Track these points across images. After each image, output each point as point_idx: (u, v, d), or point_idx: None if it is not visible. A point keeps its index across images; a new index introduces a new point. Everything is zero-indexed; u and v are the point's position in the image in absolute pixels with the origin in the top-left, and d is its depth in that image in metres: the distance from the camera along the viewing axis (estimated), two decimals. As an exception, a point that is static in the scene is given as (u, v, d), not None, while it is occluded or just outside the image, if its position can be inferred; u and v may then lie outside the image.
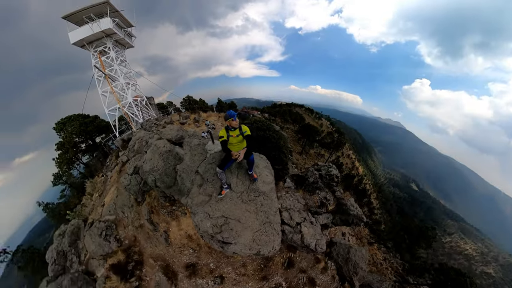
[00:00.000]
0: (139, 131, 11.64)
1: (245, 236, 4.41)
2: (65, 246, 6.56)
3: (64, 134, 12.94)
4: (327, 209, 8.44)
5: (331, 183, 9.37)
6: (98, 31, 11.79)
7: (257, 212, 4.64)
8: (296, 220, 6.74)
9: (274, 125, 15.66)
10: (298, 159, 27.64)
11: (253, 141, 4.58)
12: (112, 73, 12.92)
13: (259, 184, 4.93)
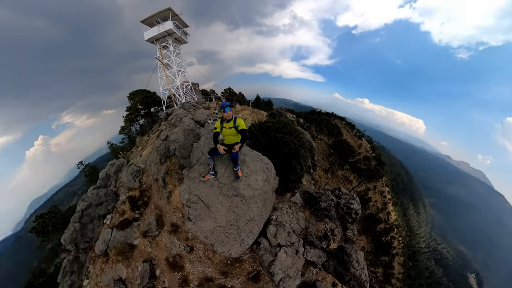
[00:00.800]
0: (179, 109, 14.77)
1: (206, 224, 4.51)
2: (111, 172, 10.02)
3: (133, 101, 18.17)
4: (327, 245, 7.09)
5: (347, 217, 7.99)
6: (162, 31, 15.83)
7: (228, 210, 4.51)
8: (279, 241, 5.77)
9: (302, 131, 14.31)
10: (321, 176, 23.79)
11: (254, 137, 4.44)
12: (169, 63, 16.95)
13: (241, 185, 4.62)
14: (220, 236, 4.50)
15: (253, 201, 4.77)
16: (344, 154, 26.01)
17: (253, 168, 5.01)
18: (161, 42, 16.87)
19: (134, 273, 5.79)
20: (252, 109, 20.95)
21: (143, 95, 18.34)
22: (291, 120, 16.46)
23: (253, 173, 4.93)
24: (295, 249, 5.92)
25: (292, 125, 9.33)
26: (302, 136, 9.26)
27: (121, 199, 8.68)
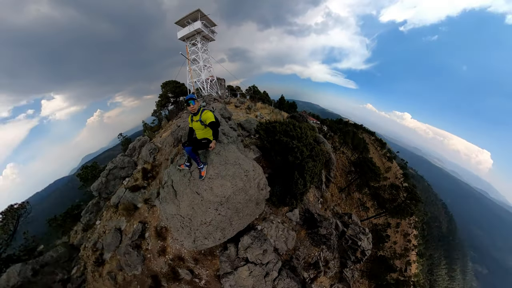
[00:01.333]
0: (199, 101, 16.68)
1: (170, 208, 4.67)
2: (137, 145, 12.07)
3: (164, 90, 21.13)
4: (315, 277, 6.02)
5: (350, 253, 6.74)
6: (192, 30, 17.95)
7: (189, 204, 4.47)
8: (248, 255, 5.07)
9: (323, 140, 13.53)
10: (333, 194, 18.98)
11: (215, 132, 3.98)
12: (196, 58, 18.91)
13: (204, 185, 4.39)
14: (176, 224, 4.60)
15: (213, 206, 4.42)
16: (366, 175, 19.80)
17: (221, 172, 4.46)
18: (191, 40, 19.07)
19: (130, 228, 7.12)
20: (272, 109, 20.18)
21: (173, 85, 21.11)
22: (311, 125, 15.73)
23: (220, 178, 4.42)
24: (265, 270, 5.10)
25: (306, 129, 8.03)
26: (315, 145, 8.04)
27: (138, 168, 10.60)
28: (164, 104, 20.73)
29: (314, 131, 14.50)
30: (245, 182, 4.74)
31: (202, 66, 19.65)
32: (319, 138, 14.46)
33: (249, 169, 4.91)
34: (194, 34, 18.35)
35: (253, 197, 5.03)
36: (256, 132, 9.44)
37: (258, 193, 5.21)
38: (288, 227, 6.64)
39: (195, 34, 18.35)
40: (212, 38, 19.91)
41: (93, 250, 7.14)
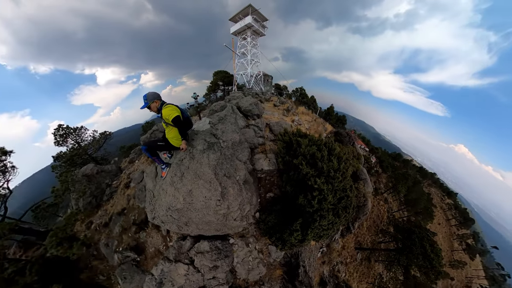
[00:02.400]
0: (237, 92, 17.89)
1: (148, 182, 5.20)
2: None
3: (215, 77, 24.69)
4: None
5: None
6: (243, 25, 19.44)
7: (157, 189, 4.78)
8: (196, 260, 5.10)
9: (365, 176, 11.12)
10: (345, 248, 11.67)
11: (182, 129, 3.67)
12: (245, 52, 20.77)
13: (162, 184, 4.57)
14: (147, 197, 5.14)
15: (166, 205, 4.48)
16: (411, 255, 10.00)
17: (176, 184, 4.32)
18: (242, 35, 20.70)
19: None
20: (315, 117, 17.79)
21: (223, 74, 24.28)
22: (358, 152, 12.94)
23: (173, 189, 4.30)
24: (203, 283, 5.13)
25: (347, 160, 6.07)
26: (350, 187, 5.85)
27: None
28: (214, 89, 24.42)
29: (358, 161, 11.85)
30: (203, 210, 4.43)
31: (249, 60, 21.28)
32: (362, 172, 11.48)
33: (211, 196, 4.38)
34: (245, 29, 19.77)
35: (215, 223, 4.76)
36: (276, 139, 7.83)
37: (229, 223, 4.89)
38: (261, 260, 5.99)
39: (245, 29, 19.75)
40: (262, 33, 20.84)
41: (127, 177, 9.88)
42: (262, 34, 21.32)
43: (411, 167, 34.31)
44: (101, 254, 7.41)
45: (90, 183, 8.98)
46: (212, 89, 24.02)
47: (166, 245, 6.70)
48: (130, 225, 7.54)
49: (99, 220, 8.17)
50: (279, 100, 17.96)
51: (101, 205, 8.85)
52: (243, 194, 5.10)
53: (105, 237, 7.64)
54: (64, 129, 10.77)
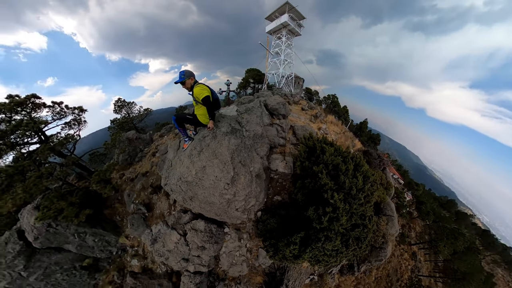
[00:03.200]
0: (266, 90, 18.51)
1: (170, 153, 5.80)
2: None
3: (247, 75, 26.02)
4: None
5: None
6: (278, 24, 19.50)
7: (176, 160, 5.21)
8: (188, 234, 5.37)
9: (388, 208, 9.09)
10: (340, 286, 9.07)
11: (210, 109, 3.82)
12: (279, 51, 21.10)
13: (180, 155, 4.95)
14: (166, 164, 5.83)
15: (177, 175, 4.72)
16: None
17: (193, 157, 4.43)
18: (277, 34, 20.85)
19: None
20: (344, 130, 16.60)
21: (255, 72, 25.43)
22: (388, 180, 11.02)
23: (190, 161, 4.44)
24: (187, 257, 5.49)
25: (374, 182, 5.38)
26: (369, 217, 5.16)
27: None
28: (244, 86, 25.85)
29: (386, 192, 9.77)
30: (210, 189, 4.47)
31: (282, 60, 21.55)
32: (388, 206, 9.29)
33: (222, 178, 4.39)
34: (281, 28, 19.85)
35: (217, 206, 4.79)
36: (297, 143, 7.70)
37: (230, 210, 4.90)
38: (247, 259, 5.91)
39: (281, 28, 19.81)
40: (298, 32, 20.63)
41: (155, 147, 11.65)
42: (298, 34, 21.15)
43: (469, 226, 23.83)
44: (123, 200, 9.09)
45: (129, 145, 11.11)
46: (242, 86, 25.52)
47: (169, 212, 7.65)
48: (148, 186, 8.94)
49: (128, 175, 10.02)
50: (308, 104, 17.36)
51: (132, 164, 10.82)
52: (252, 186, 4.98)
53: (129, 189, 9.31)
54: (121, 102, 13.92)
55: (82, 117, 9.12)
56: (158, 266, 7.66)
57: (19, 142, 7.02)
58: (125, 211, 8.92)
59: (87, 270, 8.89)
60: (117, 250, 8.99)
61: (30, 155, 6.99)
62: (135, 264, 8.46)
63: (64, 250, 8.56)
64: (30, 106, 7.47)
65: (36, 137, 7.64)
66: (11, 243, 7.97)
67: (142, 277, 7.33)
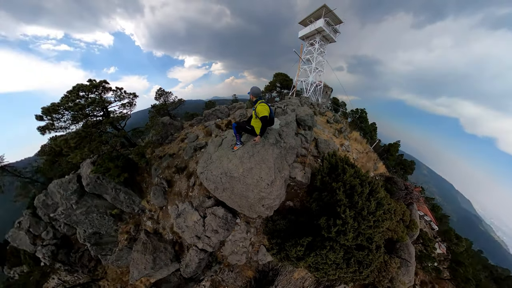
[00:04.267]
0: (295, 99, 18.33)
1: (211, 147, 6.57)
2: (236, 107, 18.37)
3: (275, 79, 26.64)
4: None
5: None
6: (313, 29, 18.37)
7: (217, 156, 5.98)
8: (208, 217, 6.36)
9: (405, 251, 8.10)
10: None
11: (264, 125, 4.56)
12: (310, 59, 20.82)
13: (228, 154, 5.70)
14: (204, 157, 6.53)
15: (220, 170, 5.55)
16: None
17: (243, 159, 5.27)
18: (310, 40, 20.03)
19: (202, 140, 11.54)
20: (368, 149, 15.17)
21: (283, 77, 25.82)
22: (413, 218, 9.61)
23: (239, 161, 5.29)
24: (199, 236, 6.56)
25: (380, 199, 5.40)
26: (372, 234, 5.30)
27: (228, 118, 15.25)
28: (271, 89, 26.58)
29: (407, 231, 8.57)
30: (251, 186, 5.19)
31: (313, 68, 21.19)
32: (405, 249, 8.27)
33: (265, 179, 5.19)
34: (314, 33, 18.71)
35: (249, 200, 5.42)
36: (322, 159, 7.70)
37: (258, 205, 5.51)
38: (247, 252, 6.51)
39: (315, 33, 18.67)
40: (332, 39, 19.53)
41: (184, 134, 13.44)
42: (332, 41, 19.97)
43: None
44: (150, 172, 11.23)
45: (163, 128, 13.36)
46: (269, 89, 26.35)
47: (187, 192, 9.05)
48: (173, 166, 10.78)
49: (158, 153, 12.19)
50: (334, 117, 16.60)
51: (162, 144, 13.03)
52: (282, 189, 5.85)
53: (156, 165, 11.39)
54: (161, 91, 16.63)
55: (134, 101, 11.53)
56: (167, 233, 9.42)
57: (90, 114, 9.59)
58: (150, 181, 11.05)
59: (114, 217, 11.42)
60: (138, 209, 11.25)
61: (96, 124, 9.47)
62: (149, 225, 10.49)
63: (103, 198, 11.22)
64: (101, 89, 10.01)
65: (101, 112, 10.21)
66: (71, 183, 10.94)
67: (153, 237, 9.18)
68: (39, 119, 8.53)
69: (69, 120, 8.90)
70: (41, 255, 11.46)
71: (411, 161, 21.81)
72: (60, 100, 8.90)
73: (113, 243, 11.55)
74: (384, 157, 19.57)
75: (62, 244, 11.94)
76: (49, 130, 8.63)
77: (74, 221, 11.39)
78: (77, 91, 9.36)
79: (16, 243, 11.86)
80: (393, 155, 20.63)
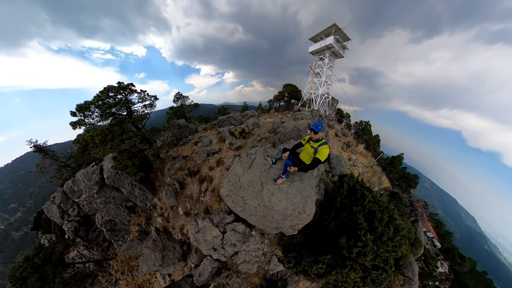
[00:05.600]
0: (307, 111, 16.47)
1: (238, 169, 5.62)
2: (249, 114, 18.27)
3: (284, 89, 26.29)
4: None
5: None
6: (323, 45, 18.36)
7: (248, 182, 5.24)
8: (227, 233, 5.94)
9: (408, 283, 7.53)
10: None
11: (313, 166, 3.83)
12: (320, 73, 20.56)
13: (269, 185, 4.90)
14: (230, 179, 5.64)
15: (258, 202, 5.00)
16: None
17: (289, 194, 4.78)
18: (320, 55, 19.95)
19: (215, 146, 11.09)
20: (372, 163, 14.57)
21: (292, 88, 25.45)
22: (417, 236, 9.21)
23: (283, 195, 4.77)
24: (216, 248, 6.40)
25: (397, 226, 5.47)
26: (389, 258, 5.42)
27: (241, 126, 14.69)
28: (279, 99, 26.35)
29: (413, 249, 8.56)
30: (290, 216, 4.97)
31: (323, 81, 20.98)
32: (409, 266, 7.97)
33: (307, 211, 4.99)
34: (324, 49, 18.79)
35: (280, 224, 5.20)
36: (340, 179, 7.13)
37: (287, 227, 5.31)
38: (259, 261, 6.30)
39: (325, 49, 18.75)
40: (341, 54, 19.53)
41: (198, 138, 13.29)
42: (341, 56, 19.88)
43: None
44: (164, 171, 11.14)
45: (178, 130, 13.35)
46: (277, 98, 26.18)
47: (198, 197, 8.80)
48: (186, 168, 10.60)
49: (172, 153, 12.12)
50: (342, 131, 15.83)
51: (177, 145, 12.96)
52: (312, 212, 5.39)
53: (170, 164, 11.30)
54: (179, 95, 16.93)
55: (155, 103, 11.60)
56: (176, 232, 9.20)
57: (116, 112, 9.69)
58: (163, 180, 10.96)
59: (128, 209, 11.42)
60: (150, 205, 11.17)
61: (119, 123, 9.54)
62: (159, 221, 10.34)
63: (120, 191, 11.27)
64: (127, 91, 10.14)
65: (125, 111, 10.31)
66: (95, 174, 11.08)
67: (163, 235, 8.98)
68: (73, 115, 8.69)
69: (98, 117, 9.03)
70: (66, 228, 12.00)
71: (414, 174, 20.45)
72: (92, 99, 9.07)
73: (126, 231, 11.61)
74: (388, 170, 18.67)
75: (84, 222, 12.34)
76: (80, 125, 8.77)
77: (94, 208, 11.64)
78: (107, 91, 9.52)
79: (49, 214, 12.41)
80: (397, 168, 19.47)
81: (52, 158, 15.02)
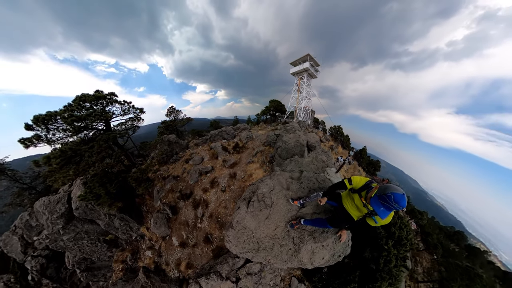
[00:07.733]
0: (295, 123, 14.26)
1: (250, 222, 3.30)
2: (241, 128, 16.38)
3: (270, 104, 25.66)
4: None
5: None
6: (301, 68, 20.55)
7: (262, 220, 3.25)
8: (241, 279, 4.52)
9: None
10: None
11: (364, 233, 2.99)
12: (301, 89, 20.91)
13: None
14: (239, 231, 3.52)
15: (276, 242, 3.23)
16: None
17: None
18: (299, 75, 21.65)
19: (207, 164, 8.92)
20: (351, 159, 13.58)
21: (276, 103, 24.98)
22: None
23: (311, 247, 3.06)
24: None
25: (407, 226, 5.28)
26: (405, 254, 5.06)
27: (234, 140, 12.47)
28: (266, 112, 25.66)
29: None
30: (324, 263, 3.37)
31: (304, 97, 21.40)
32: None
33: (342, 253, 3.54)
34: (303, 71, 20.93)
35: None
36: None
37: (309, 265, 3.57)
38: (277, 286, 5.08)
39: (303, 71, 20.90)
40: (315, 75, 21.67)
41: (189, 155, 10.53)
42: (315, 77, 21.97)
43: (485, 265, 15.18)
44: (153, 194, 8.24)
45: (168, 146, 10.64)
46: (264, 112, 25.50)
47: (195, 223, 6.55)
48: (177, 190, 7.97)
49: (161, 172, 9.31)
50: (325, 136, 15.67)
51: (167, 163, 10.14)
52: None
53: (160, 186, 8.51)
54: (172, 109, 14.25)
55: (141, 117, 8.98)
56: (171, 269, 6.36)
57: (89, 126, 6.84)
58: (152, 205, 8.02)
59: (108, 244, 7.97)
60: (137, 236, 7.98)
61: (88, 141, 6.69)
62: (149, 255, 7.27)
63: (95, 222, 7.85)
64: (107, 100, 7.45)
65: (102, 125, 7.48)
66: (60, 204, 7.50)
67: (154, 277, 6.07)
68: (28, 129, 5.57)
69: (62, 132, 6.08)
70: (30, 266, 8.13)
71: (376, 160, 21.88)
72: (60, 109, 6.15)
73: (107, 268, 8.07)
74: (360, 161, 19.09)
75: (54, 257, 8.42)
76: (34, 143, 5.68)
77: (60, 246, 7.82)
78: (80, 101, 6.70)
79: (7, 249, 8.30)
80: (364, 158, 20.51)
81: (11, 179, 10.37)
